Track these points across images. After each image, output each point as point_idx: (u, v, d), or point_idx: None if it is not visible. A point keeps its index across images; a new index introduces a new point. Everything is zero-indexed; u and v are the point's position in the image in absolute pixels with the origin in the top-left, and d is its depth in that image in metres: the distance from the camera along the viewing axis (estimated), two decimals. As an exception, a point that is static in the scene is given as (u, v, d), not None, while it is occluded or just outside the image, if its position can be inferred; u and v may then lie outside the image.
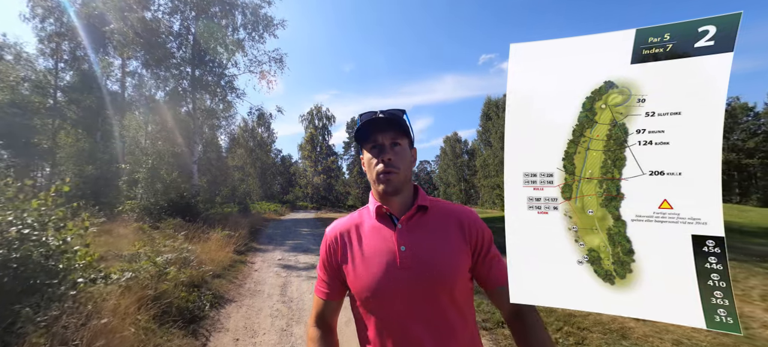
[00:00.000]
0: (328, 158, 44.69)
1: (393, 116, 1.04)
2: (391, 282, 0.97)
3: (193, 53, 14.97)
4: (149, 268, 4.52)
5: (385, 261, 1.00)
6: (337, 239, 1.10)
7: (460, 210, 1.08)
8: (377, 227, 1.06)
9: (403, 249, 0.99)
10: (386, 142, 1.04)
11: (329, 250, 1.11)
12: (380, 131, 1.04)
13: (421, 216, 1.05)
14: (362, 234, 1.08)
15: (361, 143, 1.09)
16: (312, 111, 45.39)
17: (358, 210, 1.17)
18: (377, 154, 1.04)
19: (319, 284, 1.15)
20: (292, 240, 10.70)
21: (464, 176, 50.08)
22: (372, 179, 1.06)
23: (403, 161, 1.05)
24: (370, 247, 1.04)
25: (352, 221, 1.13)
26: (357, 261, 1.04)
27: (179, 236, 7.41)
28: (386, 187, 1.02)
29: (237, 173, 25.44)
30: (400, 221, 1.04)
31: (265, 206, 23.82)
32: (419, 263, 0.97)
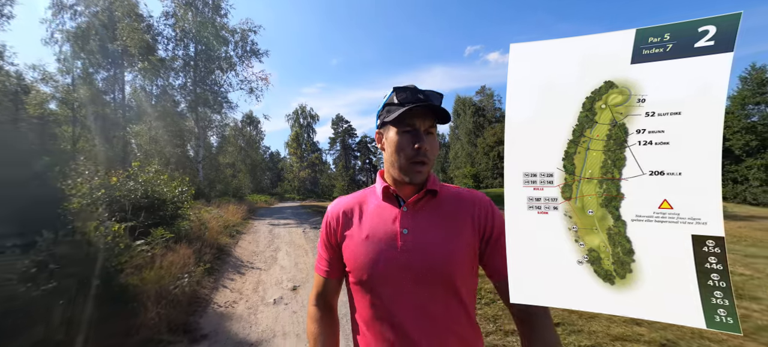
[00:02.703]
0: (312, 154, 44.35)
1: (437, 102, 0.88)
2: (387, 264, 0.86)
3: (195, 75, 17.70)
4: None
5: (385, 241, 0.88)
6: (338, 216, 0.97)
7: (473, 196, 0.95)
8: (382, 206, 0.94)
9: (405, 232, 0.87)
10: (423, 128, 0.88)
11: (329, 227, 0.98)
12: (419, 116, 0.87)
13: (429, 200, 0.93)
14: (365, 212, 0.95)
15: (389, 120, 0.90)
16: (297, 111, 45.01)
17: (363, 190, 1.03)
18: (411, 141, 0.87)
19: (319, 261, 1.03)
20: (278, 216, 14.47)
21: (443, 166, 50.45)
22: (397, 164, 0.89)
23: (435, 152, 0.91)
24: (371, 226, 0.91)
25: (356, 199, 1.00)
26: (356, 239, 0.92)
27: (213, 207, 11.91)
28: (414, 179, 0.88)
29: (229, 169, 25.52)
30: (406, 204, 0.91)
31: (257, 197, 23.87)
32: (419, 248, 0.86)
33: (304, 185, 42.03)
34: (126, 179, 6.33)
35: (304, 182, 42.17)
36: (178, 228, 6.31)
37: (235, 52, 18.74)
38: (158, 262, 4.48)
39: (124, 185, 6.05)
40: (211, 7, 17.61)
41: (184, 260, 4.97)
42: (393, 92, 0.91)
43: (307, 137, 44.80)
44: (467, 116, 45.18)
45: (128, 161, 14.93)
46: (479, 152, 42.22)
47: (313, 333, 0.99)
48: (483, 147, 41.61)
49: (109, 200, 5.43)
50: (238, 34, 18.53)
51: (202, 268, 5.11)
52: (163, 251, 4.94)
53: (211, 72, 17.91)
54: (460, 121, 46.08)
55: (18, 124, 7.58)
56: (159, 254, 4.76)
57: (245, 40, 18.71)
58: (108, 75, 17.60)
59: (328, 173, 47.52)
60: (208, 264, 5.46)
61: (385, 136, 0.93)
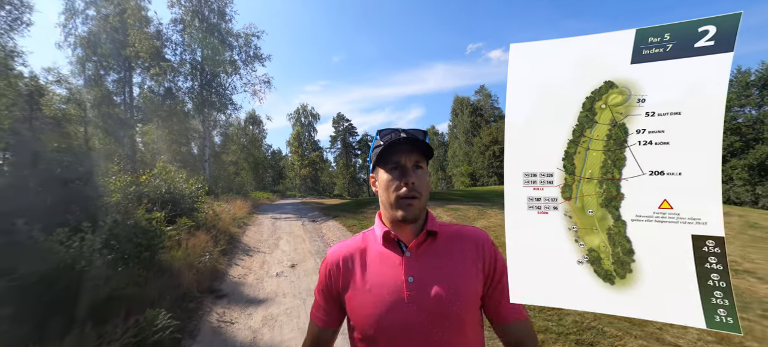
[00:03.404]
0: (313, 152, 44.30)
1: (417, 138, 0.87)
2: (396, 316, 0.81)
3: (201, 79, 18.24)
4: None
5: (391, 292, 0.83)
6: (339, 264, 0.91)
7: (473, 233, 0.92)
8: (384, 253, 0.89)
9: (411, 280, 0.83)
10: (409, 164, 0.86)
11: (330, 275, 0.92)
12: (404, 153, 0.86)
13: (432, 243, 0.89)
14: (367, 261, 0.90)
15: (378, 162, 0.90)
16: (298, 110, 44.95)
17: (362, 233, 0.98)
18: (399, 176, 0.86)
19: (315, 309, 0.96)
20: (280, 211, 14.92)
21: (442, 165, 50.39)
22: (388, 203, 0.87)
23: (425, 186, 0.88)
24: (375, 276, 0.86)
25: (356, 245, 0.94)
26: (360, 291, 0.86)
27: (222, 202, 12.29)
28: (406, 214, 0.84)
29: (232, 167, 25.73)
30: (408, 248, 0.87)
31: (260, 194, 24.03)
32: (427, 296, 0.81)
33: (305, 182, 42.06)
34: (152, 177, 7.63)
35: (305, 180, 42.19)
36: (196, 218, 7.50)
37: (239, 56, 19.36)
38: (184, 244, 5.67)
39: (151, 182, 7.32)
40: (216, 13, 18.17)
41: (204, 243, 6.10)
42: (377, 135, 0.92)
43: (308, 136, 44.75)
44: (465, 116, 45.16)
45: (137, 159, 15.29)
46: (475, 150, 42.21)
47: None
48: (479, 146, 41.60)
49: (139, 194, 6.51)
50: (241, 39, 19.11)
51: (219, 249, 6.27)
52: (187, 236, 6.11)
53: (216, 75, 18.44)
54: (458, 120, 46.06)
55: (32, 123, 8.09)
56: (184, 238, 5.96)
57: (249, 45, 19.38)
58: (118, 77, 18.20)
59: (329, 171, 47.46)
60: (223, 246, 6.60)
61: (377, 178, 0.92)
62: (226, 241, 7.15)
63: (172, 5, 17.60)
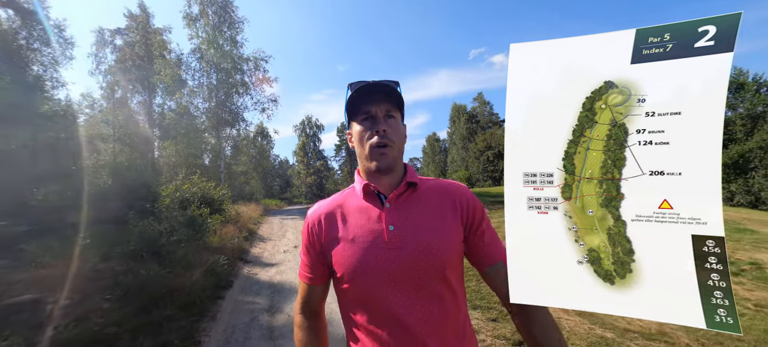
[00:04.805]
0: (318, 161, 44.39)
1: (387, 85, 0.83)
2: (379, 263, 0.78)
3: (216, 99, 19.83)
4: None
5: (373, 241, 0.80)
6: (320, 221, 0.88)
7: (452, 186, 0.89)
8: (363, 206, 0.85)
9: (392, 228, 0.80)
10: (380, 113, 0.83)
11: (311, 233, 0.89)
12: (374, 103, 0.83)
13: (411, 193, 0.86)
14: (347, 214, 0.87)
15: (351, 116, 0.87)
16: (304, 121, 45.15)
17: (341, 191, 0.95)
18: (370, 126, 0.83)
19: (302, 269, 0.93)
20: (287, 215, 16.63)
21: (443, 170, 50.20)
22: (364, 155, 0.84)
23: (398, 135, 0.85)
24: (356, 227, 0.83)
25: (335, 202, 0.91)
26: (342, 243, 0.83)
27: (239, 206, 13.87)
28: (380, 163, 0.82)
29: (242, 177, 26.22)
30: (388, 199, 0.83)
31: (269, 201, 24.85)
32: (409, 242, 0.78)
33: (311, 190, 42.12)
34: (191, 185, 10.16)
35: (311, 187, 42.27)
36: (226, 215, 9.99)
37: (250, 79, 20.96)
38: (219, 233, 7.93)
39: (190, 189, 9.85)
40: (229, 40, 19.73)
41: (232, 233, 8.39)
42: (348, 88, 0.88)
43: (313, 145, 44.89)
44: (461, 123, 45.16)
45: (158, 172, 15.96)
46: (471, 156, 42.13)
47: (301, 341, 0.93)
48: (474, 152, 41.54)
49: (182, 198, 9.12)
50: (251, 62, 20.70)
51: (242, 236, 8.58)
52: (219, 228, 8.36)
53: (229, 96, 20.06)
54: (456, 127, 46.04)
55: (69, 142, 9.40)
56: (218, 228, 8.24)
57: (258, 68, 20.94)
58: (142, 99, 20.20)
59: (334, 179, 47.48)
60: (245, 235, 8.93)
61: (352, 133, 0.89)
62: (247, 232, 9.46)
63: (191, 38, 19.35)
